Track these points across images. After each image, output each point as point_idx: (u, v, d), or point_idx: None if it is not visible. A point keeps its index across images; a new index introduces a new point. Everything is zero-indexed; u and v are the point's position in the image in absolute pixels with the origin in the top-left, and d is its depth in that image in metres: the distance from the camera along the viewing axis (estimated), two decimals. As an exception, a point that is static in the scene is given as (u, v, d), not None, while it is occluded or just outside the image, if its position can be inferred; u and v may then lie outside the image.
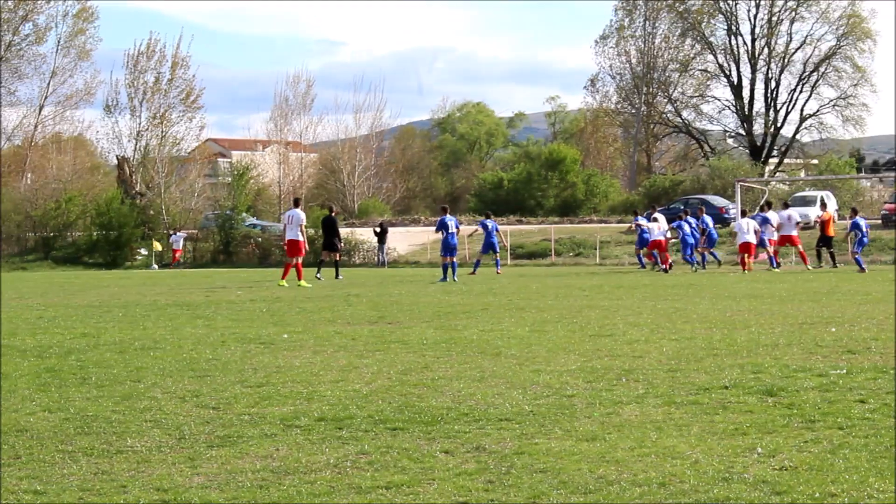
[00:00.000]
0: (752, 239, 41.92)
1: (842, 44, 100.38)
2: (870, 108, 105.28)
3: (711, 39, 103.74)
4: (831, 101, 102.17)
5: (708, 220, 46.39)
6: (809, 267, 42.95)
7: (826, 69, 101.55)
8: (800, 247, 44.28)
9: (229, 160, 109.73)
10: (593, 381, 12.41)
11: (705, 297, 26.82)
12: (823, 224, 45.29)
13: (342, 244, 45.44)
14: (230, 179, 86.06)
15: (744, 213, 46.20)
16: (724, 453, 8.66)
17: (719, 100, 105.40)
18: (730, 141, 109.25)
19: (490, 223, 43.56)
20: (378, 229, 63.02)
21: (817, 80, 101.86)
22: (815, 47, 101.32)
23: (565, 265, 56.58)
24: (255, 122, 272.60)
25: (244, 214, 75.23)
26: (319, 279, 39.10)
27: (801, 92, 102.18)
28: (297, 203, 38.34)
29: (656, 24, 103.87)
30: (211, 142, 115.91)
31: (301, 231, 35.84)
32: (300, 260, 36.05)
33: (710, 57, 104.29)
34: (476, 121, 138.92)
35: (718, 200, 68.05)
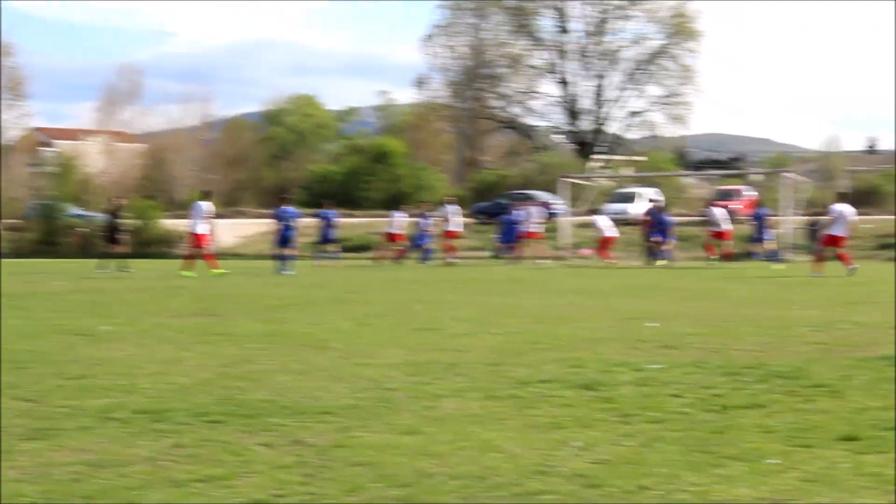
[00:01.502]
0: (615, 233, 43.24)
1: (669, 43, 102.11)
2: (694, 107, 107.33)
3: (541, 36, 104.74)
4: (657, 98, 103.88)
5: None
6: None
7: (653, 68, 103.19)
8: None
9: (56, 150, 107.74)
10: (416, 375, 12.44)
11: (532, 292, 27.10)
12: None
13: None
14: (55, 169, 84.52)
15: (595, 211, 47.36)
16: (542, 447, 8.74)
17: (548, 96, 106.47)
18: (557, 137, 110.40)
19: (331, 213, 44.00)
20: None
21: (644, 79, 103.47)
22: (642, 46, 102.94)
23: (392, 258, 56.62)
24: (83, 111, 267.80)
25: (68, 204, 73.91)
26: (130, 271, 39.06)
27: (628, 90, 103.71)
28: (206, 195, 38.25)
29: (486, 21, 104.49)
30: (37, 131, 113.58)
31: (206, 222, 36.31)
32: (206, 251, 36.34)
33: (540, 54, 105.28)
34: (306, 114, 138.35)
35: (544, 195, 68.71)
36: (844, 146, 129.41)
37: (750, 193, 68.68)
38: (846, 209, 35.14)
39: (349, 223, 70.60)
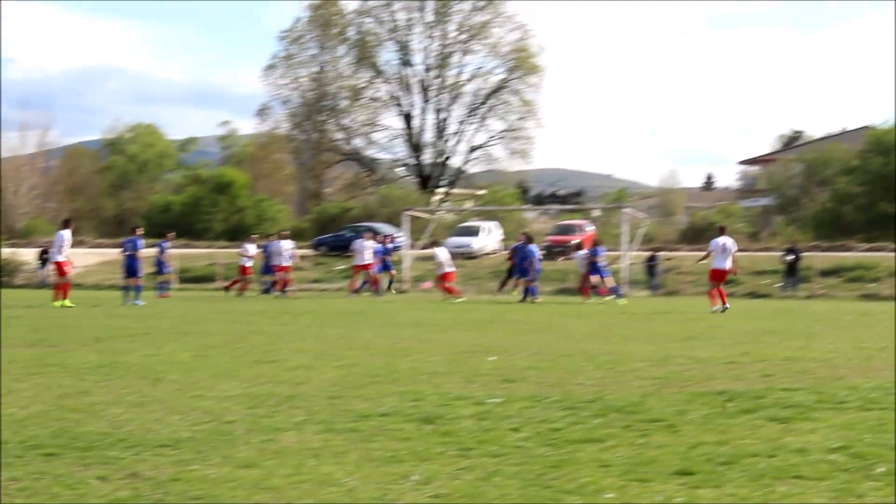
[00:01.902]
0: (453, 268, 43.23)
1: (510, 77, 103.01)
2: (535, 142, 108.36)
3: (384, 69, 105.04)
4: (499, 133, 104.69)
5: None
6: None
7: (495, 102, 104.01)
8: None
9: None
10: (254, 408, 12.34)
11: (370, 325, 27.08)
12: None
13: None
14: None
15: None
16: (381, 480, 8.72)
17: (390, 128, 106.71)
18: (400, 170, 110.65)
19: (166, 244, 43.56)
20: (44, 251, 61.36)
21: (486, 113, 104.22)
22: (485, 80, 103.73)
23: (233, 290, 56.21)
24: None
25: None
26: None
27: (470, 123, 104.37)
28: (65, 224, 37.46)
29: (328, 52, 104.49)
30: None
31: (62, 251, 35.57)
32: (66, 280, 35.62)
33: (383, 86, 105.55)
34: (147, 143, 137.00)
35: (386, 228, 68.80)
36: (683, 183, 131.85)
37: (590, 228, 69.49)
38: (727, 241, 35.57)
39: (191, 254, 69.91)
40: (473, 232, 67.32)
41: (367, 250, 44.42)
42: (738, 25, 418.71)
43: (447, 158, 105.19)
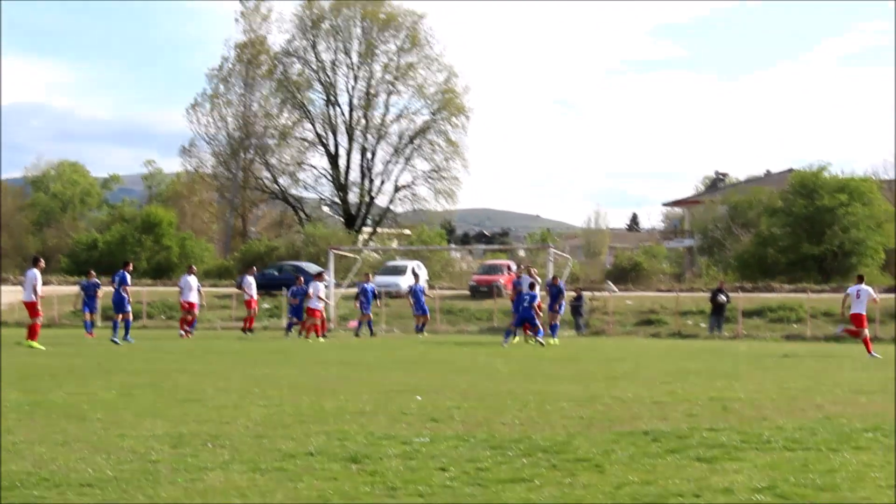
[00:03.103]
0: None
1: (436, 118, 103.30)
2: (461, 182, 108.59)
3: (310, 109, 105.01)
4: (425, 173, 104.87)
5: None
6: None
7: (420, 142, 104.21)
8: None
9: None
10: (179, 447, 12.25)
11: (296, 364, 26.99)
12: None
13: None
14: None
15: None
16: (307, 520, 8.70)
17: (316, 168, 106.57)
18: (326, 209, 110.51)
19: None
20: None
21: (412, 153, 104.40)
22: (410, 120, 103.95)
23: (157, 328, 55.89)
24: None
25: None
26: None
27: (395, 163, 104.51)
28: (34, 262, 36.24)
29: (255, 91, 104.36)
30: None
31: (34, 291, 34.40)
32: (38, 321, 34.66)
33: (309, 126, 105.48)
34: (71, 180, 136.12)
35: (312, 267, 68.66)
36: (608, 224, 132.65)
37: (515, 269, 69.68)
38: (863, 288, 34.59)
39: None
40: (400, 271, 67.32)
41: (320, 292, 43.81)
42: (663, 69, 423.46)
43: (373, 198, 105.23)
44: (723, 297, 49.23)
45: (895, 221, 74.14)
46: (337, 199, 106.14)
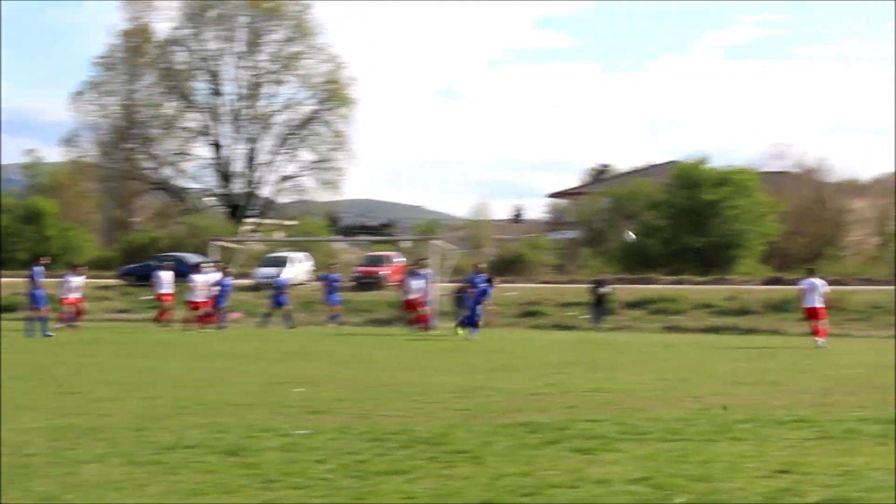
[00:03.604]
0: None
1: (322, 108, 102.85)
2: (346, 173, 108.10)
3: (195, 98, 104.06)
4: (310, 163, 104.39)
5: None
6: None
7: (306, 132, 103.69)
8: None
9: None
10: (56, 440, 12.13)
11: (177, 356, 26.80)
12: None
13: None
14: None
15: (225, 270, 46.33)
16: (183, 514, 8.65)
17: (201, 158, 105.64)
18: (209, 199, 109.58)
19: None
20: None
21: (297, 143, 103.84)
22: (295, 111, 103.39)
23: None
24: None
25: None
26: None
27: (280, 154, 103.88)
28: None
29: (138, 80, 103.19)
30: None
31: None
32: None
33: (194, 115, 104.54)
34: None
35: (194, 258, 68.08)
36: (492, 215, 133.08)
37: (400, 260, 69.67)
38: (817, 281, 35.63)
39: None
40: (282, 263, 66.98)
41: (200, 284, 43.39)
42: (546, 61, 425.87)
43: (257, 188, 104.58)
44: (605, 289, 49.46)
45: (774, 213, 75.25)
46: (221, 190, 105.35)
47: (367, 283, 63.32)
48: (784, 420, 14.33)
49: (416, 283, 44.23)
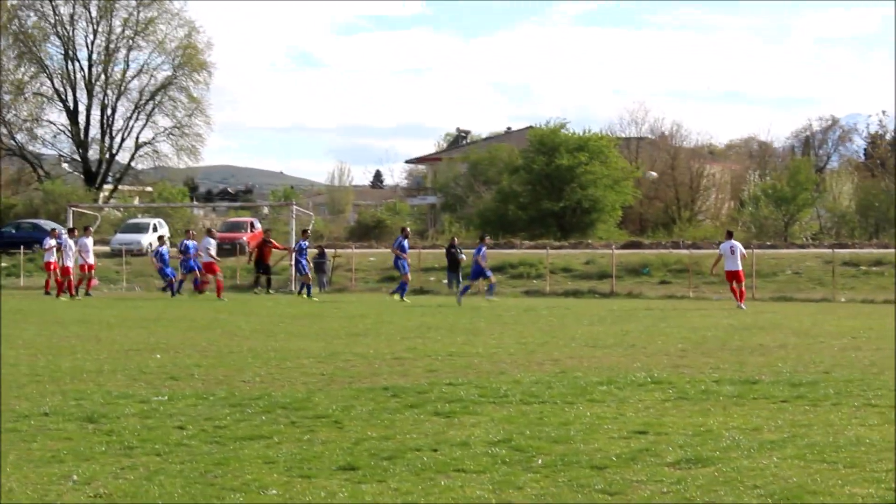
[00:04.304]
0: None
1: (177, 74, 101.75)
2: (204, 139, 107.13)
3: (48, 63, 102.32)
4: (166, 129, 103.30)
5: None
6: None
7: (162, 98, 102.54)
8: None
9: None
10: None
11: (32, 323, 26.40)
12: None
13: None
14: None
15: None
16: (40, 481, 8.54)
17: (55, 124, 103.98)
18: (65, 166, 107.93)
19: None
20: None
21: (153, 109, 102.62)
22: (151, 76, 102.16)
23: None
24: None
25: None
26: None
27: (137, 120, 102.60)
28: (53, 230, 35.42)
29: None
30: None
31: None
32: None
33: (46, 80, 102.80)
34: None
35: (50, 224, 67.15)
36: (352, 181, 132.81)
37: (258, 226, 69.39)
38: (735, 244, 36.55)
39: None
40: (142, 229, 66.32)
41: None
42: (405, 27, 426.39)
43: (113, 155, 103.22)
44: (458, 253, 49.45)
45: (631, 179, 76.21)
46: (76, 156, 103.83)
47: (227, 249, 62.86)
48: (642, 381, 14.55)
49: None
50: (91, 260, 41.97)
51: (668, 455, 9.67)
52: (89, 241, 42.35)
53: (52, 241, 42.80)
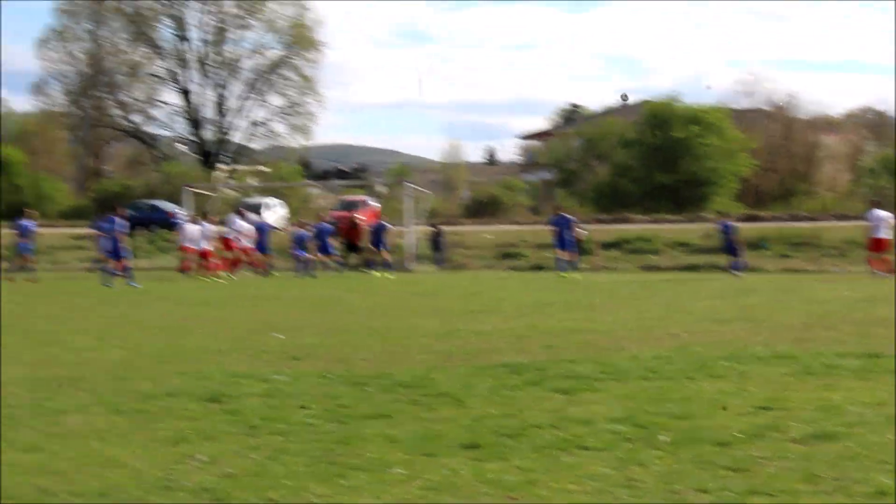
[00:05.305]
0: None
1: (289, 53, 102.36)
2: (316, 117, 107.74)
3: (161, 44, 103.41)
4: (279, 108, 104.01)
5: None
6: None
7: (274, 77, 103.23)
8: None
9: None
10: (37, 391, 12.09)
11: (153, 304, 26.74)
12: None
13: None
14: None
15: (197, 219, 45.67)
16: (166, 461, 8.64)
17: (169, 105, 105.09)
18: (180, 146, 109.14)
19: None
20: None
21: (265, 88, 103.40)
22: (263, 55, 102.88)
23: (12, 271, 54.81)
24: None
25: None
26: None
27: (249, 99, 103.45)
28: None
29: (103, 27, 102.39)
30: None
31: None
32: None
33: (160, 62, 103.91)
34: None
35: (168, 205, 67.93)
36: (465, 157, 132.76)
37: (373, 204, 69.63)
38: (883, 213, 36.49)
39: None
40: (257, 209, 66.90)
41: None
42: (513, 2, 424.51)
43: (227, 135, 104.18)
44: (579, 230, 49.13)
45: (746, 151, 75.40)
46: (191, 137, 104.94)
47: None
48: (763, 356, 14.38)
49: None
50: (245, 243, 42.72)
51: (792, 431, 9.56)
52: (245, 223, 43.19)
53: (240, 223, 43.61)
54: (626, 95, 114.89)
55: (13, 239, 42.08)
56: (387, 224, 47.42)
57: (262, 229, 45.15)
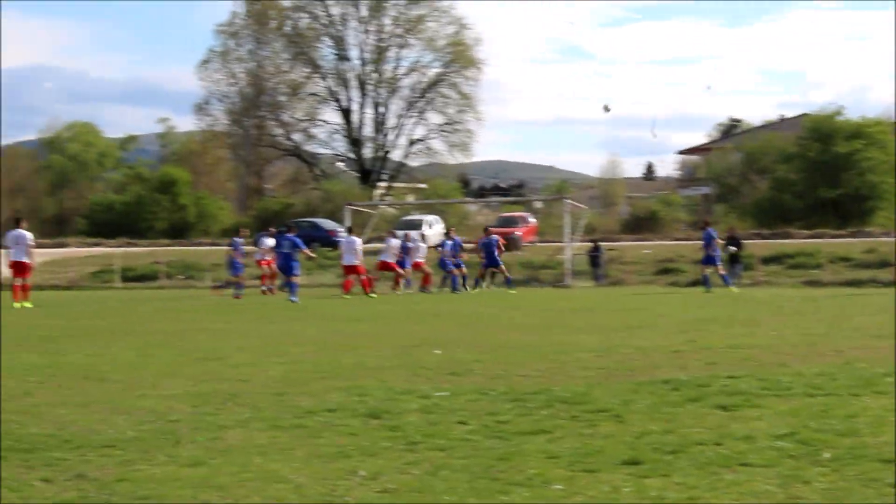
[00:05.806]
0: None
1: (448, 71, 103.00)
2: (475, 134, 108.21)
3: (321, 63, 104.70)
4: (438, 126, 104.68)
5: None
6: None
7: (433, 95, 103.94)
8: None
9: None
10: (198, 406, 12.25)
11: (312, 320, 27.01)
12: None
13: None
14: None
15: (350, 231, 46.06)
16: (328, 476, 8.68)
17: (329, 123, 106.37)
18: (340, 164, 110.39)
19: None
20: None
21: (425, 106, 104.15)
22: (422, 74, 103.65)
23: (175, 288, 55.91)
24: None
25: None
26: None
27: (409, 117, 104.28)
28: (17, 223, 36.79)
29: (264, 47, 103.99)
30: None
31: (27, 252, 35.02)
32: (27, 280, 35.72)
33: (320, 81, 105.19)
34: (86, 142, 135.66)
35: (328, 223, 68.71)
36: (623, 173, 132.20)
37: (532, 220, 69.71)
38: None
39: (133, 252, 69.53)
40: (416, 226, 67.31)
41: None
42: (670, 18, 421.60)
43: (387, 152, 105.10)
44: (736, 245, 48.69)
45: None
46: (351, 155, 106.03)
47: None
48: (930, 373, 14.04)
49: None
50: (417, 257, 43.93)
51: (963, 449, 9.31)
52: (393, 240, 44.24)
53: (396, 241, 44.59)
54: (783, 116, 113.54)
55: (229, 255, 43.32)
56: (498, 238, 47.47)
57: (404, 248, 45.56)
